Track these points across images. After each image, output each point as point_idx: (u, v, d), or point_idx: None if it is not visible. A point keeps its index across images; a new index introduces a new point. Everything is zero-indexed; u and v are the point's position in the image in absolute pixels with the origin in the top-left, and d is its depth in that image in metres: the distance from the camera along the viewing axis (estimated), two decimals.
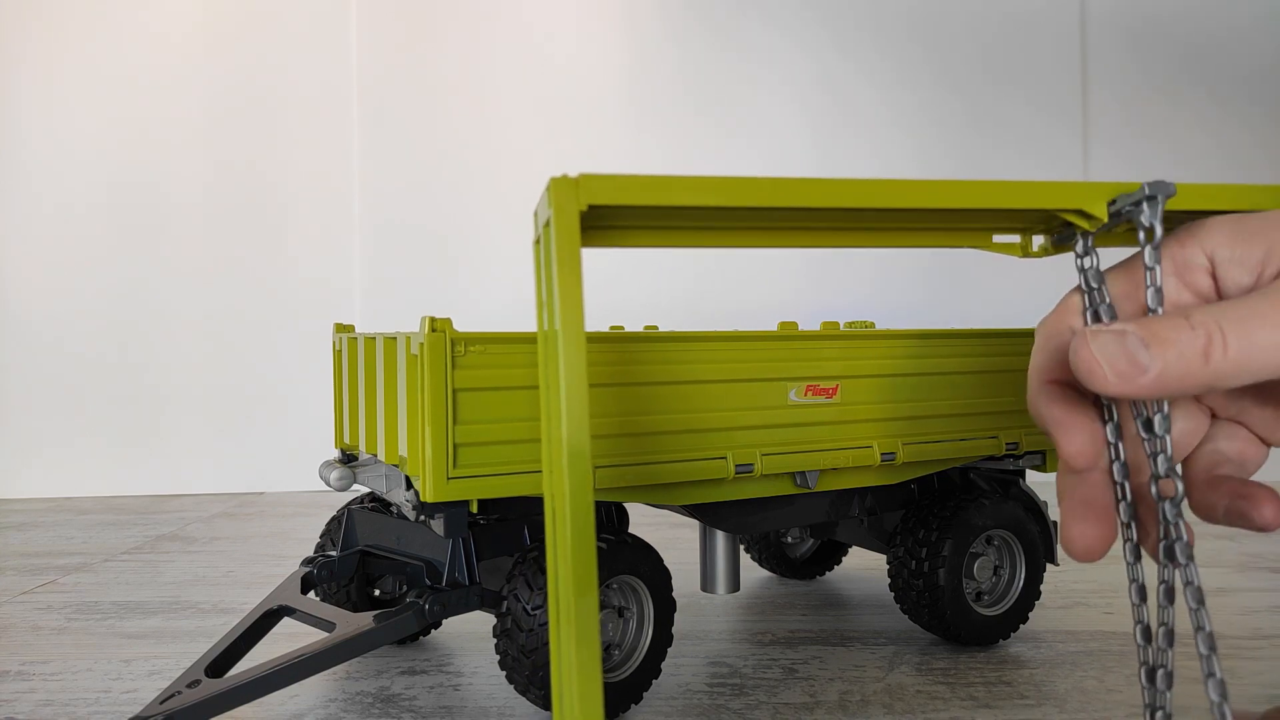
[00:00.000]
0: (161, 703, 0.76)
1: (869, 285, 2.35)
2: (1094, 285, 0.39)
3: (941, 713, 0.89)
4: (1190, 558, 0.35)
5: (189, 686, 0.79)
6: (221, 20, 2.33)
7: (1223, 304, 0.35)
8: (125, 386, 2.33)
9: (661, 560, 0.93)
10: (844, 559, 1.42)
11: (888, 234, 0.43)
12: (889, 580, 1.09)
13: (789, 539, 1.34)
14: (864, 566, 1.46)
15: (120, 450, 2.32)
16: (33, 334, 2.31)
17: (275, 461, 2.32)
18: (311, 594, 1.00)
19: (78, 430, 2.31)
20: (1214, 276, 0.38)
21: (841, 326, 1.06)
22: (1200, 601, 0.34)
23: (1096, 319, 0.38)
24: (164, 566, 1.53)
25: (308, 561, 1.01)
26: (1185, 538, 0.35)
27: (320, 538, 1.10)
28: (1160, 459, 0.36)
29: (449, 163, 2.38)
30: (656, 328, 1.27)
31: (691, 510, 0.97)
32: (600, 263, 2.37)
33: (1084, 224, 0.38)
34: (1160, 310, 0.37)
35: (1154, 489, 0.36)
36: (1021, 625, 1.10)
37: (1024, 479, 1.17)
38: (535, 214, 0.40)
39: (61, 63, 2.30)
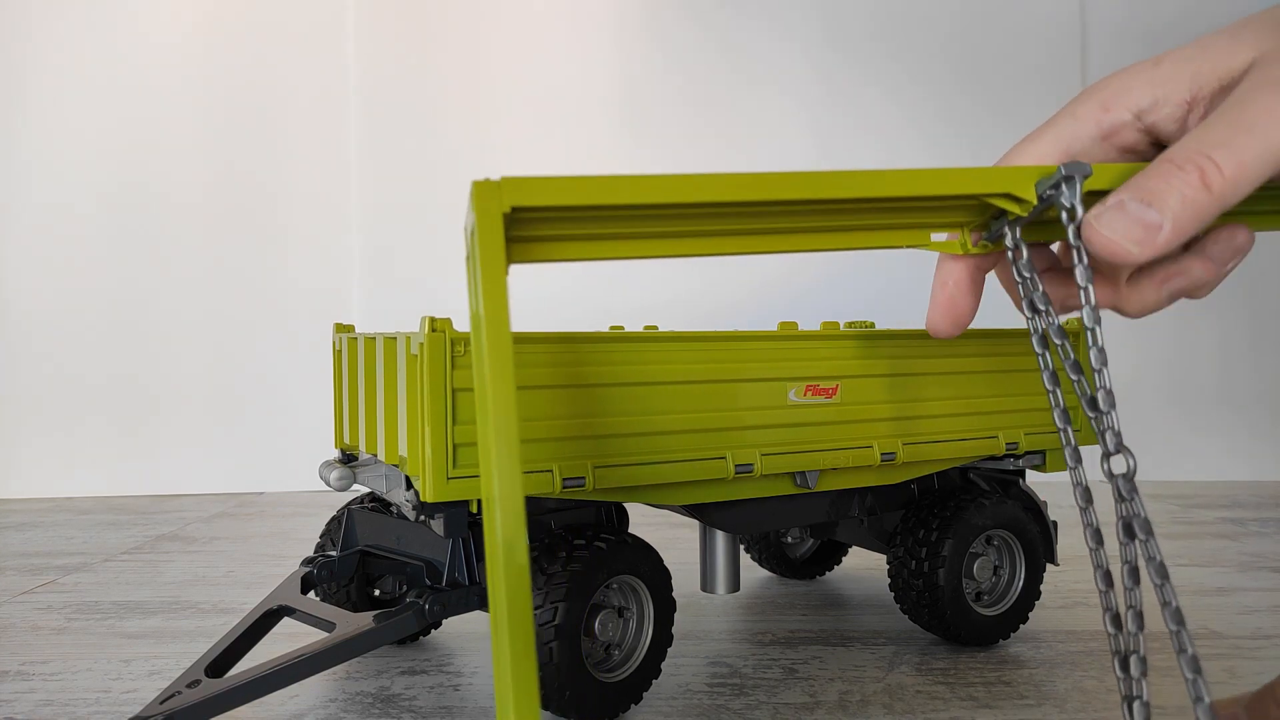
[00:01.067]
0: (161, 703, 0.76)
1: (869, 285, 2.35)
2: (1026, 275, 0.39)
3: (941, 713, 0.89)
4: (1150, 532, 0.35)
5: (189, 686, 0.79)
6: (220, 23, 2.33)
7: (1193, 134, 0.35)
8: (125, 386, 2.33)
9: (661, 560, 0.93)
10: (844, 559, 1.42)
11: (826, 235, 0.43)
12: (889, 580, 1.09)
13: (789, 539, 1.34)
14: (864, 566, 1.46)
15: (120, 450, 2.32)
16: (33, 334, 2.31)
17: (275, 461, 2.32)
18: (311, 594, 1.00)
19: (78, 430, 2.31)
20: (1145, 131, 0.39)
21: (841, 326, 1.06)
22: (1164, 577, 0.34)
23: (1033, 309, 0.39)
24: (164, 566, 1.53)
25: (308, 561, 1.01)
26: (1143, 513, 0.35)
27: (320, 538, 1.10)
28: (1109, 435, 0.36)
29: (447, 163, 2.38)
30: (656, 328, 1.27)
31: (691, 510, 0.97)
32: (600, 264, 2.37)
33: (1014, 208, 0.38)
34: (1090, 289, 0.37)
35: (1105, 466, 0.36)
36: (1021, 625, 1.10)
37: (1024, 479, 1.17)
38: (464, 228, 0.40)
39: (61, 63, 2.29)
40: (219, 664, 0.84)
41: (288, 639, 0.96)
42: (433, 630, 1.13)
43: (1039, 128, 0.41)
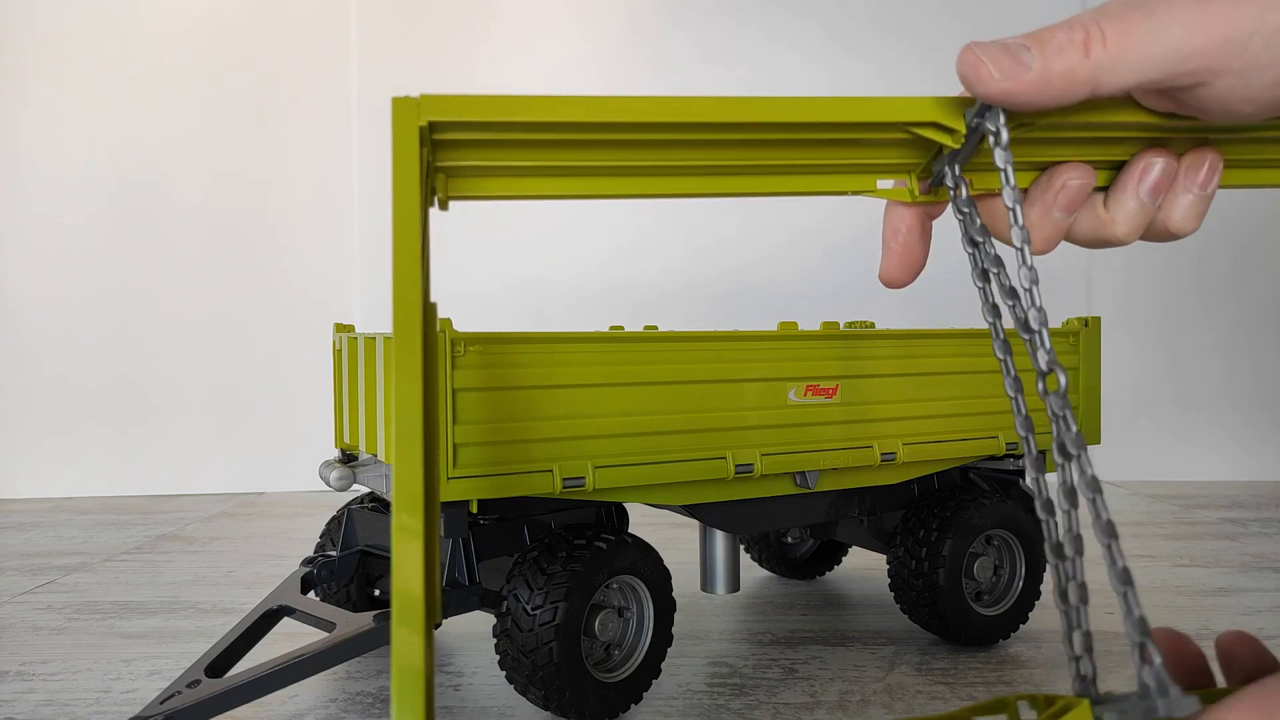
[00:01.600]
0: (161, 703, 0.76)
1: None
2: (965, 211, 0.39)
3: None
4: (1082, 448, 0.35)
5: (189, 686, 0.79)
6: (220, 23, 2.33)
7: (1102, 5, 0.35)
8: (125, 387, 2.33)
9: (661, 560, 0.93)
10: (844, 559, 1.42)
11: (768, 177, 0.42)
12: (889, 580, 1.09)
13: (789, 539, 1.34)
14: (864, 566, 1.46)
15: (120, 450, 2.32)
16: (33, 334, 2.31)
17: (275, 461, 2.32)
18: (311, 594, 1.00)
19: (78, 430, 2.31)
20: None
21: (841, 326, 1.06)
22: (1097, 490, 0.34)
23: (972, 244, 0.39)
24: (164, 566, 1.53)
25: (308, 561, 1.01)
26: (1073, 429, 0.35)
27: (320, 538, 1.10)
28: (1041, 354, 0.36)
29: None
30: (656, 328, 1.27)
31: (691, 510, 0.97)
32: (601, 263, 2.37)
33: (946, 139, 0.38)
34: (1018, 209, 0.37)
35: (1040, 385, 0.36)
36: (1021, 625, 1.10)
37: (1024, 479, 1.17)
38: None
39: (62, 64, 2.30)
40: (219, 664, 0.84)
41: (288, 639, 0.96)
42: (433, 630, 1.13)
43: None
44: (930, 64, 2.39)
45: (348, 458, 1.05)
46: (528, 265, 2.36)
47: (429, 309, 0.36)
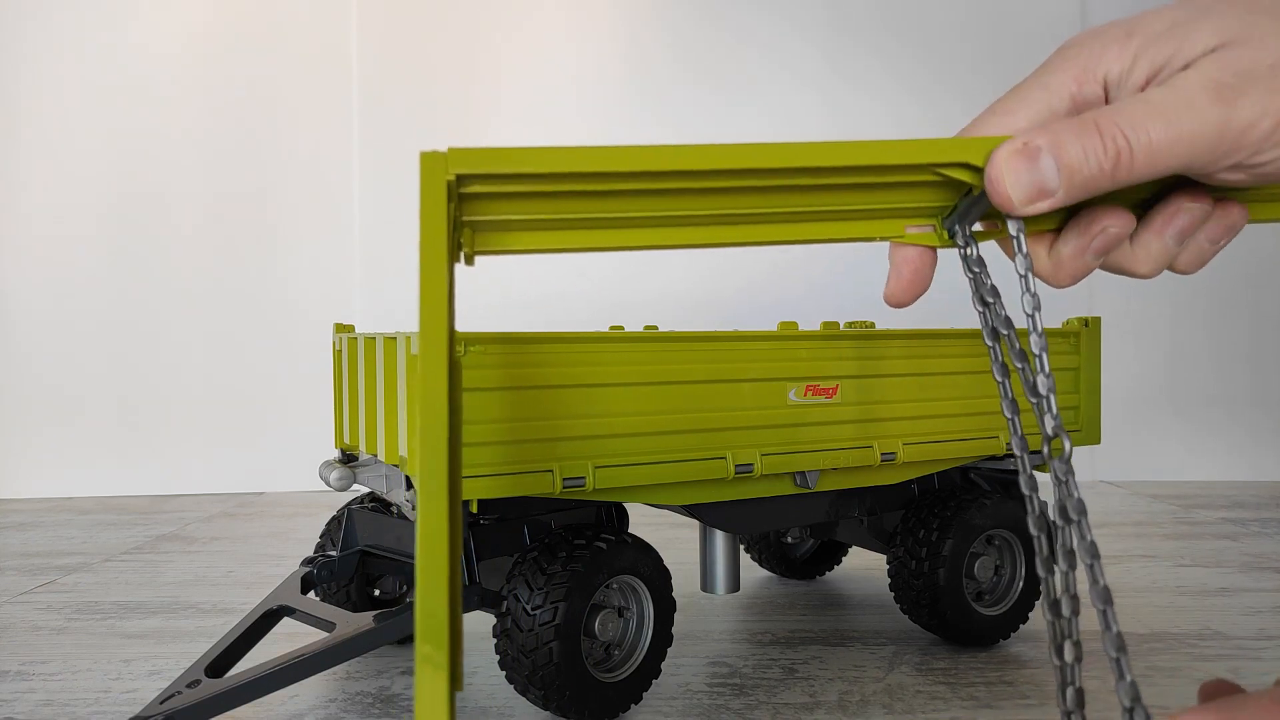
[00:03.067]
0: (161, 703, 0.76)
1: (869, 285, 2.35)
2: (976, 271, 0.40)
3: (942, 713, 0.89)
4: (1083, 513, 0.35)
5: (189, 686, 0.79)
6: (221, 28, 2.33)
7: (1126, 103, 0.36)
8: (125, 386, 2.33)
9: (661, 560, 0.93)
10: (844, 559, 1.42)
11: (796, 224, 0.42)
12: (889, 580, 1.09)
13: (789, 539, 1.34)
14: (864, 566, 1.45)
15: (120, 450, 2.32)
16: (33, 333, 2.31)
17: (275, 461, 2.32)
18: (311, 594, 1.00)
19: (78, 430, 2.31)
20: (1106, 95, 0.39)
21: (841, 326, 1.06)
22: (1095, 556, 0.34)
23: (983, 303, 0.39)
24: (164, 566, 1.53)
25: (308, 561, 1.01)
26: (1076, 494, 0.35)
27: (320, 538, 1.10)
28: (1048, 419, 0.36)
29: None
30: (656, 328, 1.27)
31: (691, 510, 0.97)
32: (601, 264, 2.37)
33: (972, 179, 0.37)
34: (1030, 277, 0.38)
35: (1045, 449, 0.36)
36: (1021, 625, 1.10)
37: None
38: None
39: (62, 72, 2.30)
40: (219, 664, 0.84)
41: (288, 639, 0.96)
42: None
43: (1008, 95, 0.40)
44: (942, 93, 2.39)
45: (348, 458, 1.05)
46: (527, 264, 2.36)
47: (455, 366, 0.36)
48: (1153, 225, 0.41)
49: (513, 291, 2.33)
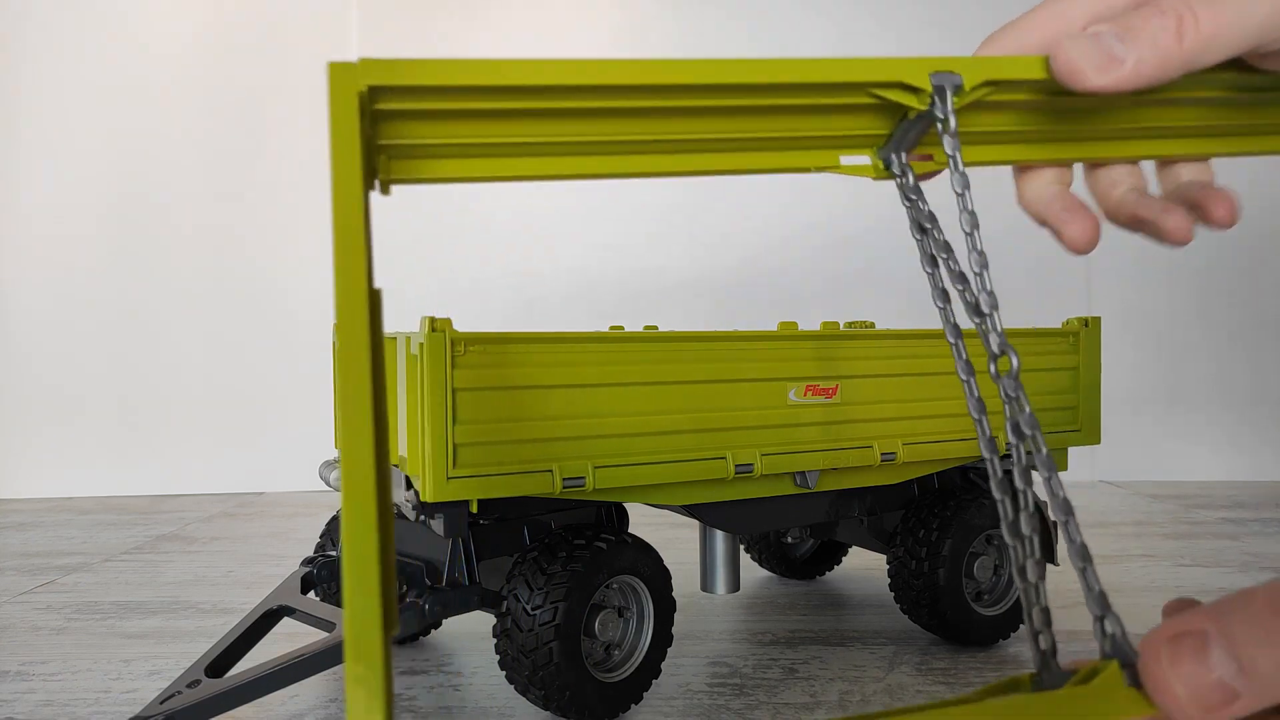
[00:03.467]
0: (161, 703, 0.76)
1: (869, 285, 2.35)
2: (914, 198, 0.38)
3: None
4: (1035, 427, 0.35)
5: (189, 686, 0.79)
6: (221, 33, 2.33)
7: None
8: (125, 386, 2.33)
9: (661, 560, 0.93)
10: (844, 559, 1.42)
11: (727, 153, 0.40)
12: (889, 580, 1.09)
13: (789, 539, 1.34)
14: (864, 566, 1.45)
15: (120, 450, 2.32)
16: (33, 333, 2.31)
17: (275, 461, 2.32)
18: (311, 594, 1.00)
19: (78, 430, 2.31)
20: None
21: (841, 326, 1.06)
22: (1069, 513, 0.34)
23: (920, 230, 0.38)
24: (164, 566, 1.53)
25: (308, 561, 1.01)
26: (1027, 410, 0.35)
27: (320, 538, 1.10)
28: (993, 337, 0.36)
29: None
30: (656, 328, 1.27)
31: (691, 510, 0.97)
32: (601, 263, 2.37)
33: (910, 100, 0.36)
34: (968, 195, 0.37)
35: (992, 368, 0.36)
36: (1021, 625, 1.10)
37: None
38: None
39: (62, 72, 2.30)
40: (219, 664, 0.84)
41: (288, 639, 0.96)
42: (433, 630, 1.13)
43: (1019, 18, 0.40)
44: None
45: None
46: (528, 263, 2.36)
47: (374, 297, 0.32)
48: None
49: (513, 292, 2.34)
